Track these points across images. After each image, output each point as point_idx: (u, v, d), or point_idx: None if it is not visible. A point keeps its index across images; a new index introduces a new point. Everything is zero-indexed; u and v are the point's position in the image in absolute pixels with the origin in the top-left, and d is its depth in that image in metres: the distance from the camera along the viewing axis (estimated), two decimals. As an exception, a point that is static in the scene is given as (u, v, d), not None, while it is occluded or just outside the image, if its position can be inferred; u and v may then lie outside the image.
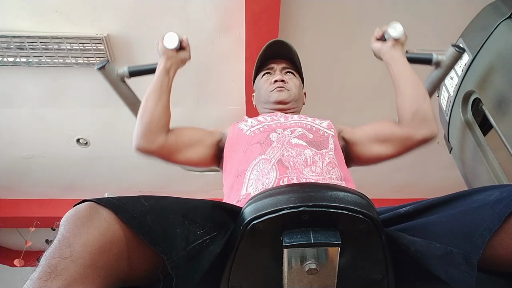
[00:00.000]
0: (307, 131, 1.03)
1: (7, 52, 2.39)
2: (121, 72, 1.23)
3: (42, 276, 0.50)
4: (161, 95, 1.08)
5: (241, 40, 2.35)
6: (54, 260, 0.51)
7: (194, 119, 2.91)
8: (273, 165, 0.90)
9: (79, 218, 0.56)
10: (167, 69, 1.13)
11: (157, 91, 1.08)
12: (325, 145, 0.99)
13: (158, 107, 1.06)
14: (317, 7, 2.31)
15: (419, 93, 1.04)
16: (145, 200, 0.63)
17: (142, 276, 0.62)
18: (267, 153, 0.94)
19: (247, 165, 0.95)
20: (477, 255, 0.57)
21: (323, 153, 0.96)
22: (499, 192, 0.62)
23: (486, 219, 0.59)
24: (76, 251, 0.52)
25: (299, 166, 0.90)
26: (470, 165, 1.47)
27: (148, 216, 0.60)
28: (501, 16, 1.27)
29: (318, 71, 2.62)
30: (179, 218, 0.64)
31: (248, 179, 0.92)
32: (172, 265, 0.57)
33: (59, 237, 0.55)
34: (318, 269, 0.63)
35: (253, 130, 1.05)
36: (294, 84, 1.24)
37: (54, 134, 3.05)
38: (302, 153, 0.93)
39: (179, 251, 0.60)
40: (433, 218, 0.67)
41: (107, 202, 0.59)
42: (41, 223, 3.75)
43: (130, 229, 0.58)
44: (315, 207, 0.62)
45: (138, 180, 3.58)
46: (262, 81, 1.27)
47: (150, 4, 2.23)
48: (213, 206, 0.72)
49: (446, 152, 1.70)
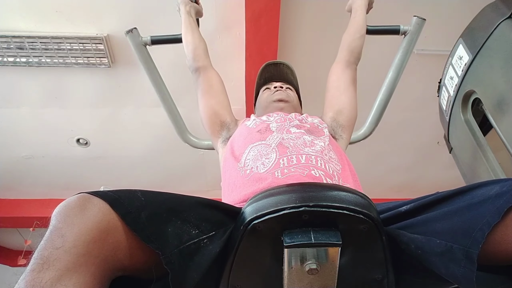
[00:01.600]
0: (303, 123, 1.11)
1: (7, 52, 2.39)
2: (145, 39, 1.48)
3: (35, 268, 0.49)
4: (192, 30, 1.37)
5: (241, 40, 2.35)
6: (46, 251, 0.51)
7: (194, 119, 2.90)
8: (273, 148, 0.95)
9: (72, 208, 0.56)
10: (188, 11, 1.40)
11: (188, 28, 1.36)
12: (321, 133, 1.07)
13: (195, 38, 1.35)
14: (317, 7, 2.31)
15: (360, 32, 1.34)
16: (141, 194, 0.63)
17: (142, 267, 0.61)
18: (267, 139, 0.99)
19: (244, 149, 1.00)
20: (477, 249, 0.57)
21: (322, 138, 1.03)
22: (499, 186, 0.62)
23: (486, 214, 0.59)
24: (68, 241, 0.52)
25: (299, 146, 0.96)
26: (470, 165, 1.47)
27: (143, 212, 0.60)
28: (501, 16, 1.27)
29: (318, 71, 2.62)
30: (173, 217, 0.63)
31: (244, 160, 0.96)
32: (166, 261, 0.57)
33: (51, 229, 0.54)
34: (318, 269, 0.63)
35: (254, 122, 1.13)
36: (294, 96, 1.33)
37: (54, 134, 3.05)
38: (301, 137, 1.00)
39: (172, 248, 0.59)
40: (433, 215, 0.67)
41: (102, 195, 0.59)
42: (41, 223, 3.72)
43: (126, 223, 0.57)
44: (315, 207, 0.62)
45: (138, 180, 3.57)
46: (265, 92, 1.35)
47: (150, 4, 2.23)
48: (209, 205, 0.71)
49: (446, 152, 1.70)
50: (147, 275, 0.62)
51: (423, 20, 1.45)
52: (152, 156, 3.28)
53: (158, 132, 3.01)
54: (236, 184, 0.94)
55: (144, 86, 2.63)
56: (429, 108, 2.52)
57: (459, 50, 1.47)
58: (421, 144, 3.26)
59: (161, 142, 3.11)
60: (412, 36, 1.45)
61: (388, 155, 3.38)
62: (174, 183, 3.58)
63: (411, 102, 2.85)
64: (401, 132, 3.13)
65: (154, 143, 3.13)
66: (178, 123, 1.50)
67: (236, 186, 0.93)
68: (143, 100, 2.76)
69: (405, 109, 2.89)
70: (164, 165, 3.40)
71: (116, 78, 2.59)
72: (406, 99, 2.77)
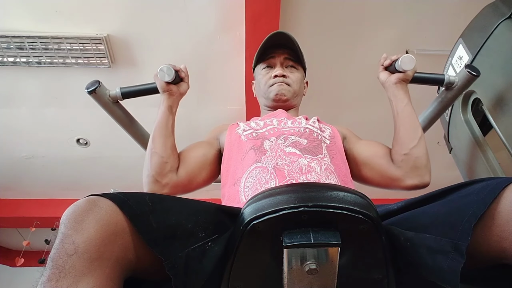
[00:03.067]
0: (299, 137, 1.00)
1: (7, 52, 2.39)
2: (114, 94, 1.17)
3: (52, 278, 0.50)
4: (167, 135, 1.04)
5: (241, 40, 2.35)
6: (60, 260, 0.51)
7: (194, 119, 2.91)
8: (271, 173, 0.88)
9: (79, 214, 0.56)
10: (169, 107, 1.08)
11: (163, 131, 1.04)
12: (319, 150, 0.96)
13: (167, 148, 1.02)
14: (317, 7, 2.31)
15: (413, 137, 0.98)
16: (149, 199, 0.63)
17: (150, 269, 0.62)
18: (262, 160, 0.93)
19: (242, 173, 0.93)
20: (466, 241, 0.57)
21: (319, 158, 0.93)
22: (485, 183, 0.62)
23: (472, 206, 0.59)
24: (80, 247, 0.52)
25: (294, 175, 0.87)
26: (470, 165, 1.47)
27: (151, 216, 0.60)
28: (501, 16, 1.27)
29: (318, 71, 2.62)
30: (181, 221, 0.64)
31: (243, 187, 0.90)
32: (169, 266, 0.58)
33: (61, 236, 0.54)
34: (318, 269, 0.63)
35: (245, 135, 1.04)
36: (295, 78, 1.22)
37: (54, 134, 3.06)
38: (296, 161, 0.90)
39: (177, 252, 0.60)
40: (422, 210, 0.68)
41: (110, 196, 0.59)
42: (41, 223, 3.75)
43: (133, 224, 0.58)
44: (315, 207, 0.62)
45: (138, 180, 3.55)
46: (262, 73, 1.25)
47: (150, 4, 2.23)
48: (215, 209, 0.72)
49: (446, 152, 1.70)
50: (155, 276, 0.63)
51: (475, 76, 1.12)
52: (152, 156, 3.28)
53: (158, 132, 3.01)
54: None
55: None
56: (429, 108, 2.52)
57: (459, 50, 1.47)
58: (421, 144, 3.26)
59: (161, 142, 3.11)
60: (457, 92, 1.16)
61: (388, 155, 3.37)
62: (174, 183, 3.57)
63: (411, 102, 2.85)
64: (401, 132, 3.13)
65: (154, 143, 3.13)
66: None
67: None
68: (143, 100, 2.75)
69: (405, 109, 2.89)
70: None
71: (116, 78, 2.60)
72: (406, 99, 2.77)
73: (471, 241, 0.57)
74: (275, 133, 1.01)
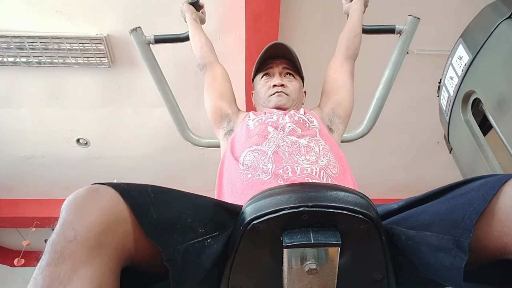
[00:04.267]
0: (295, 125, 1.09)
1: (7, 52, 2.39)
2: (149, 38, 1.56)
3: (50, 262, 0.50)
4: (199, 32, 1.49)
5: (241, 40, 2.35)
6: (59, 245, 0.51)
7: (194, 119, 2.90)
8: (269, 158, 0.95)
9: (81, 200, 0.56)
10: (194, 19, 1.53)
11: (195, 31, 1.48)
12: (314, 134, 1.07)
13: (201, 38, 1.46)
14: (317, 7, 2.31)
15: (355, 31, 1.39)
16: (152, 190, 0.63)
17: (148, 260, 0.61)
18: (263, 144, 0.99)
19: (242, 151, 1.02)
20: (468, 238, 0.57)
21: (316, 140, 1.03)
22: (485, 180, 0.62)
23: (473, 203, 0.59)
24: (80, 234, 0.52)
25: (294, 156, 0.95)
26: (470, 165, 1.47)
27: (152, 207, 0.60)
28: (501, 16, 1.27)
29: (318, 72, 2.61)
30: (181, 214, 0.64)
31: (242, 161, 0.98)
32: (167, 257, 0.57)
33: (61, 222, 0.54)
34: (318, 269, 0.63)
35: (254, 123, 1.13)
36: (293, 88, 1.26)
37: (54, 134, 3.05)
38: (297, 142, 1.00)
39: (176, 245, 0.60)
40: (422, 208, 0.68)
41: (113, 185, 0.59)
42: (41, 223, 3.74)
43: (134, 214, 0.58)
44: (315, 207, 0.62)
45: (138, 180, 3.56)
46: (261, 83, 1.29)
47: (150, 4, 2.23)
48: (215, 204, 0.72)
49: (446, 152, 1.70)
50: (153, 269, 0.62)
51: (418, 19, 1.48)
52: (152, 156, 3.28)
53: (158, 132, 3.01)
54: (236, 185, 0.95)
55: (144, 86, 2.64)
56: (429, 108, 2.52)
57: (459, 50, 1.47)
58: (421, 144, 3.26)
59: (161, 142, 3.11)
60: (407, 35, 1.48)
61: (388, 155, 3.38)
62: (174, 183, 3.57)
63: (411, 102, 2.85)
64: (401, 132, 3.13)
65: (154, 143, 3.14)
66: (179, 121, 1.54)
67: (236, 187, 0.94)
68: (143, 100, 2.76)
69: (405, 109, 2.89)
70: (164, 165, 3.40)
71: (116, 78, 2.60)
72: (406, 99, 2.77)
73: (473, 238, 0.57)
74: (274, 124, 1.11)
